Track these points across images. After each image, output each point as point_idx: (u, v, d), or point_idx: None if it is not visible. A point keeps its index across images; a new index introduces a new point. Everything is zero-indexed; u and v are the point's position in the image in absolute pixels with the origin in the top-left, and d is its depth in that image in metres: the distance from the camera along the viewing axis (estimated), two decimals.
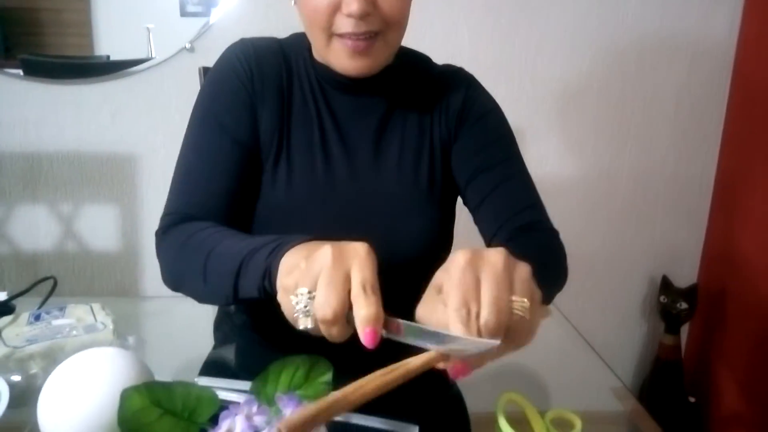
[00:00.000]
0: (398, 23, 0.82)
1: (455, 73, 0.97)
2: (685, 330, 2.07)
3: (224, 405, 0.53)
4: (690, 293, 1.94)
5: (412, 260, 0.56)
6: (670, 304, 1.94)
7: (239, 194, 0.87)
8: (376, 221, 0.88)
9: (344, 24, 0.77)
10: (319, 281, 0.51)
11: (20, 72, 1.73)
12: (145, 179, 1.82)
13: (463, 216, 0.97)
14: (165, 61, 1.75)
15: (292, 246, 0.60)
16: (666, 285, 1.98)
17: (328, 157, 0.89)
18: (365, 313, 0.49)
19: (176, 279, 0.81)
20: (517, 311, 0.49)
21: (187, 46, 1.74)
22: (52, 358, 0.65)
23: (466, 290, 0.49)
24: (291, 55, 0.92)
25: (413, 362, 0.48)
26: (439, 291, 0.53)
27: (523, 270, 0.52)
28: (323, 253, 0.52)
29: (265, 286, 0.62)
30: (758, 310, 1.81)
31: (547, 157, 1.91)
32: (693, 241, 2.07)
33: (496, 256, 0.51)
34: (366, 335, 0.48)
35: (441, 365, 0.49)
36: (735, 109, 1.94)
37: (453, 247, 0.95)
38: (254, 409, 0.51)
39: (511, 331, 0.50)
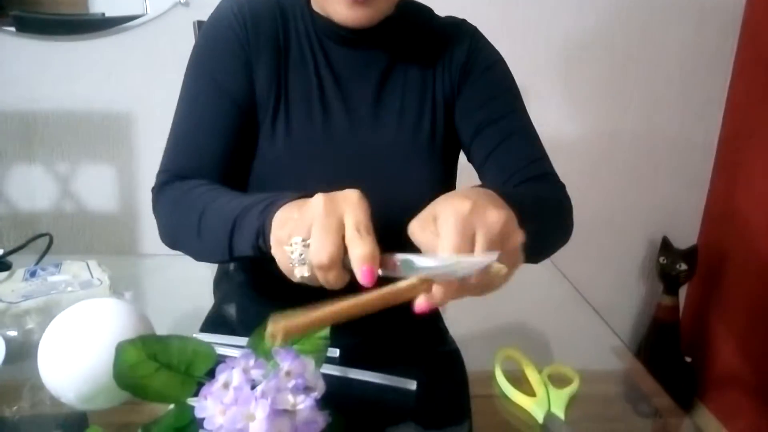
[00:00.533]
0: None
1: (458, 25, 0.94)
2: (683, 291, 2.08)
3: (221, 359, 0.52)
4: (689, 255, 1.94)
5: (412, 214, 0.55)
6: (670, 265, 1.94)
7: (234, 153, 0.86)
8: (377, 173, 0.87)
9: None
10: (313, 229, 0.51)
11: (13, 29, 1.69)
12: (141, 137, 1.80)
13: (463, 177, 0.96)
14: (159, 16, 1.72)
15: (285, 202, 0.59)
16: (666, 246, 1.98)
17: (327, 110, 0.88)
18: (360, 251, 0.49)
19: (173, 236, 0.81)
20: (495, 271, 0.49)
21: (182, 0, 1.70)
22: (48, 314, 0.65)
23: (461, 241, 0.49)
24: (287, 6, 0.89)
25: (400, 284, 0.48)
26: (434, 219, 0.52)
27: (516, 239, 0.52)
28: (315, 202, 0.52)
29: (259, 243, 0.62)
30: (757, 273, 1.81)
31: (549, 116, 1.89)
32: (694, 202, 2.07)
33: (497, 218, 0.51)
34: (363, 274, 0.48)
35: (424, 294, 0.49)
36: (741, 71, 1.91)
37: None
38: (251, 362, 0.50)
39: (484, 283, 0.51)
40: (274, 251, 0.56)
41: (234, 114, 0.85)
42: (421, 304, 0.49)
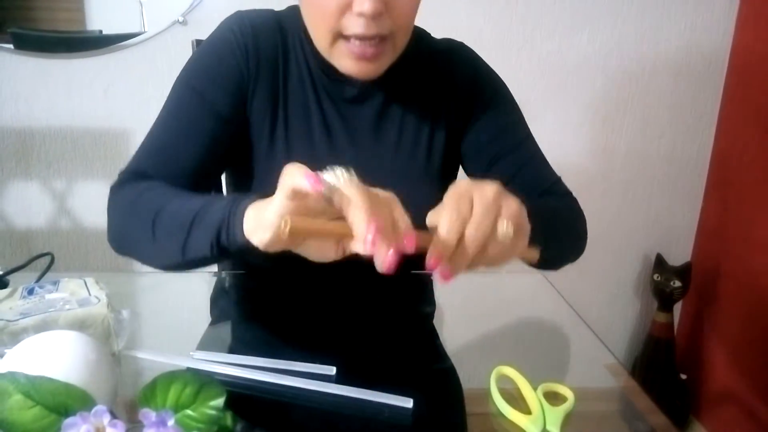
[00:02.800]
0: (408, 26, 0.80)
1: (458, 50, 0.95)
2: (678, 308, 2.08)
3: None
4: (684, 272, 1.95)
5: None
6: (664, 282, 1.95)
7: (209, 165, 0.85)
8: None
9: (353, 24, 0.73)
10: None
11: (11, 46, 1.70)
12: None
13: None
14: (158, 34, 1.73)
15: (254, 199, 0.60)
16: (660, 263, 1.99)
17: (329, 130, 0.89)
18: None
19: (122, 237, 0.79)
20: (499, 234, 0.54)
21: (180, 19, 1.72)
22: (46, 332, 0.65)
23: (460, 210, 0.53)
24: (288, 31, 0.89)
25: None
26: None
27: (512, 202, 0.56)
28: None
29: (221, 238, 0.62)
30: (750, 289, 1.82)
31: (543, 133, 1.89)
32: (688, 219, 2.08)
33: (490, 186, 0.55)
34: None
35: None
36: (732, 88, 1.94)
37: None
38: (105, 420, 0.48)
39: (489, 248, 0.55)
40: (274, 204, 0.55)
41: (215, 126, 0.84)
42: (443, 269, 0.53)
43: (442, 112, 0.91)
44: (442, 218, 0.53)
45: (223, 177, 1.01)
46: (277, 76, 0.87)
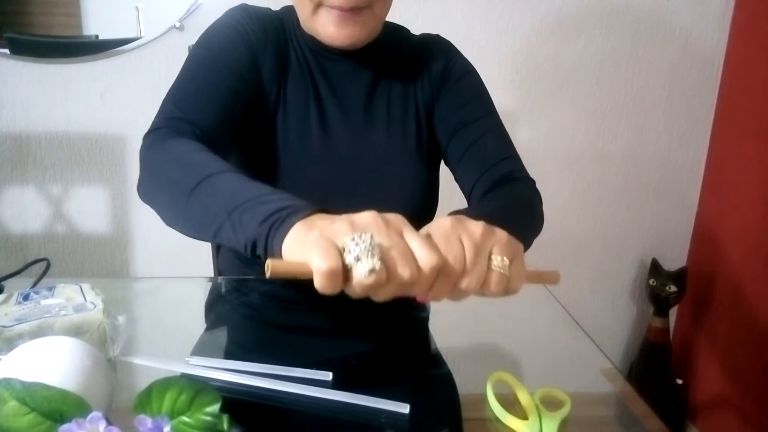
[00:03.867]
0: None
1: (434, 40, 1.03)
2: (673, 313, 2.09)
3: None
4: (679, 277, 1.96)
5: (401, 211, 0.56)
6: (660, 287, 1.96)
7: (232, 119, 0.87)
8: (369, 174, 0.95)
9: None
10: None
11: (7, 51, 1.70)
12: (134, 160, 1.79)
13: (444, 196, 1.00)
14: (154, 39, 1.74)
15: (297, 219, 0.56)
16: (656, 268, 2.00)
17: (324, 112, 0.95)
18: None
19: (155, 186, 0.76)
20: (495, 268, 0.55)
21: (177, 24, 1.73)
22: (42, 337, 0.65)
23: (452, 254, 0.53)
24: (285, 21, 0.96)
25: None
26: (429, 237, 0.55)
27: (500, 235, 0.56)
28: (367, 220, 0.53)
29: (257, 252, 0.59)
30: (746, 294, 1.83)
31: (539, 138, 1.91)
32: (683, 224, 2.09)
33: (476, 226, 0.55)
34: None
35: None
36: (726, 93, 1.95)
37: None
38: (101, 426, 0.47)
39: (487, 283, 0.55)
40: (312, 246, 0.50)
41: (236, 84, 0.87)
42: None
43: (421, 95, 0.99)
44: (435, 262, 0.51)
45: None
46: (280, 57, 0.93)
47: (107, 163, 1.81)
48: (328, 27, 0.83)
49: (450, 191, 1.04)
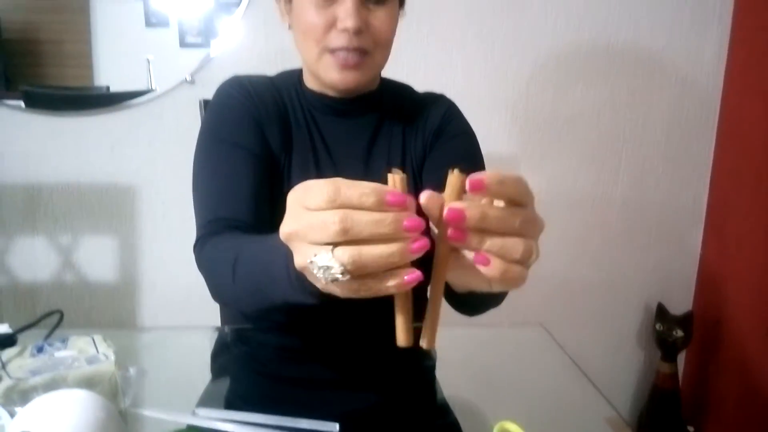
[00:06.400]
0: (386, 43, 0.90)
1: (438, 97, 1.04)
2: (681, 357, 2.07)
3: None
4: (685, 321, 1.94)
5: None
6: (666, 331, 1.94)
7: (261, 196, 0.90)
8: None
9: (338, 39, 0.85)
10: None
11: (21, 104, 1.74)
12: (144, 211, 1.84)
13: None
14: (165, 93, 1.77)
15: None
16: (661, 312, 1.99)
17: (321, 174, 0.94)
18: None
19: (217, 291, 0.81)
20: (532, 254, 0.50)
21: (188, 78, 1.76)
22: (56, 390, 0.66)
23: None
24: (282, 87, 0.98)
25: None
26: None
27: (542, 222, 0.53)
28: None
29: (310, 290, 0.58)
30: (753, 337, 1.81)
31: (540, 184, 1.94)
32: (687, 268, 2.09)
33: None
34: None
35: None
36: (724, 136, 1.98)
37: None
38: None
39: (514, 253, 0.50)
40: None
41: (254, 163, 0.91)
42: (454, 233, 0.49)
43: (413, 146, 0.99)
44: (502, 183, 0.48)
45: None
46: (280, 123, 0.95)
47: (117, 214, 1.83)
48: (331, 72, 0.88)
49: None
